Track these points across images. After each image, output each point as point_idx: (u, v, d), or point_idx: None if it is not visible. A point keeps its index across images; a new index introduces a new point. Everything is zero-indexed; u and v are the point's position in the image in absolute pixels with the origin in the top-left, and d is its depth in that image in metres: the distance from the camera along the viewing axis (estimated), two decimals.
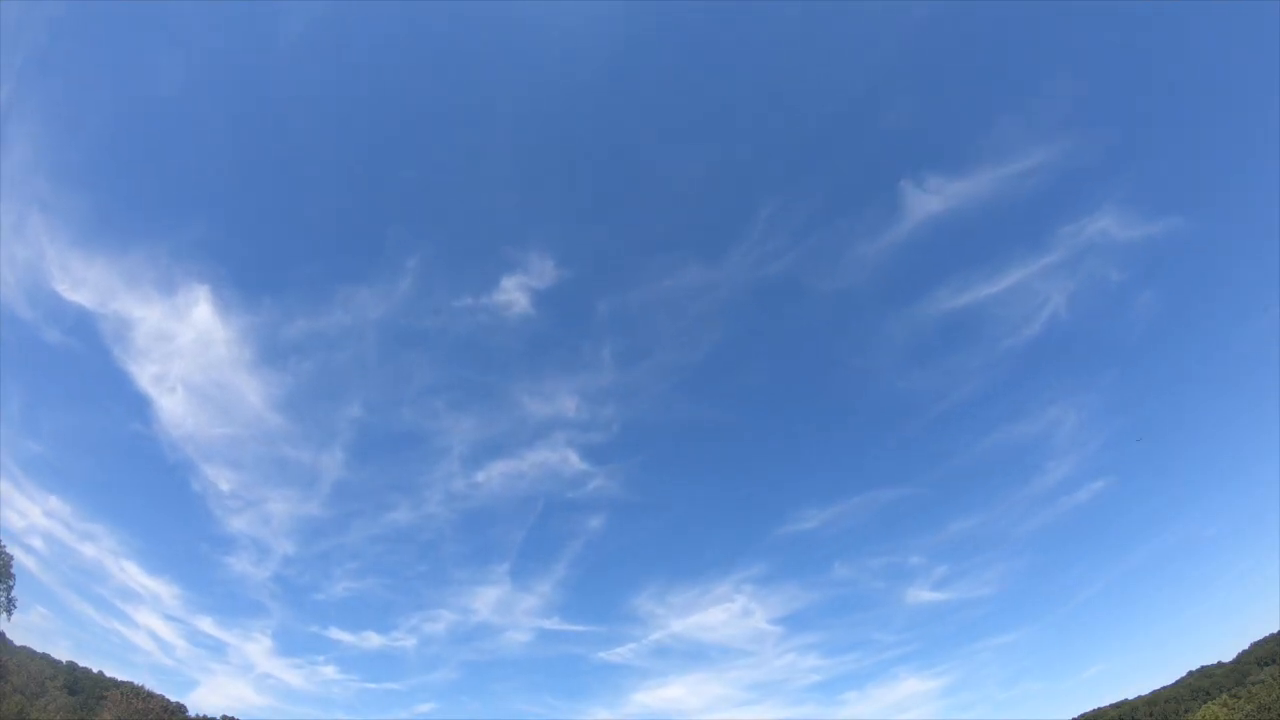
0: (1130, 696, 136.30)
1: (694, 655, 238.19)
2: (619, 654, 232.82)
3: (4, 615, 67.24)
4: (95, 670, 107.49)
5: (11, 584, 66.09)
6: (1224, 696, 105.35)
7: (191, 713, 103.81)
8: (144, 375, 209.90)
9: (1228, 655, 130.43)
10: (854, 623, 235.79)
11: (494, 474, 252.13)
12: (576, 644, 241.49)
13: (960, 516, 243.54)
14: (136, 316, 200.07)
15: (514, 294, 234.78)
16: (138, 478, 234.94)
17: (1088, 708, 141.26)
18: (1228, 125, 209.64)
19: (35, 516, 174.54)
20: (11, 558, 64.67)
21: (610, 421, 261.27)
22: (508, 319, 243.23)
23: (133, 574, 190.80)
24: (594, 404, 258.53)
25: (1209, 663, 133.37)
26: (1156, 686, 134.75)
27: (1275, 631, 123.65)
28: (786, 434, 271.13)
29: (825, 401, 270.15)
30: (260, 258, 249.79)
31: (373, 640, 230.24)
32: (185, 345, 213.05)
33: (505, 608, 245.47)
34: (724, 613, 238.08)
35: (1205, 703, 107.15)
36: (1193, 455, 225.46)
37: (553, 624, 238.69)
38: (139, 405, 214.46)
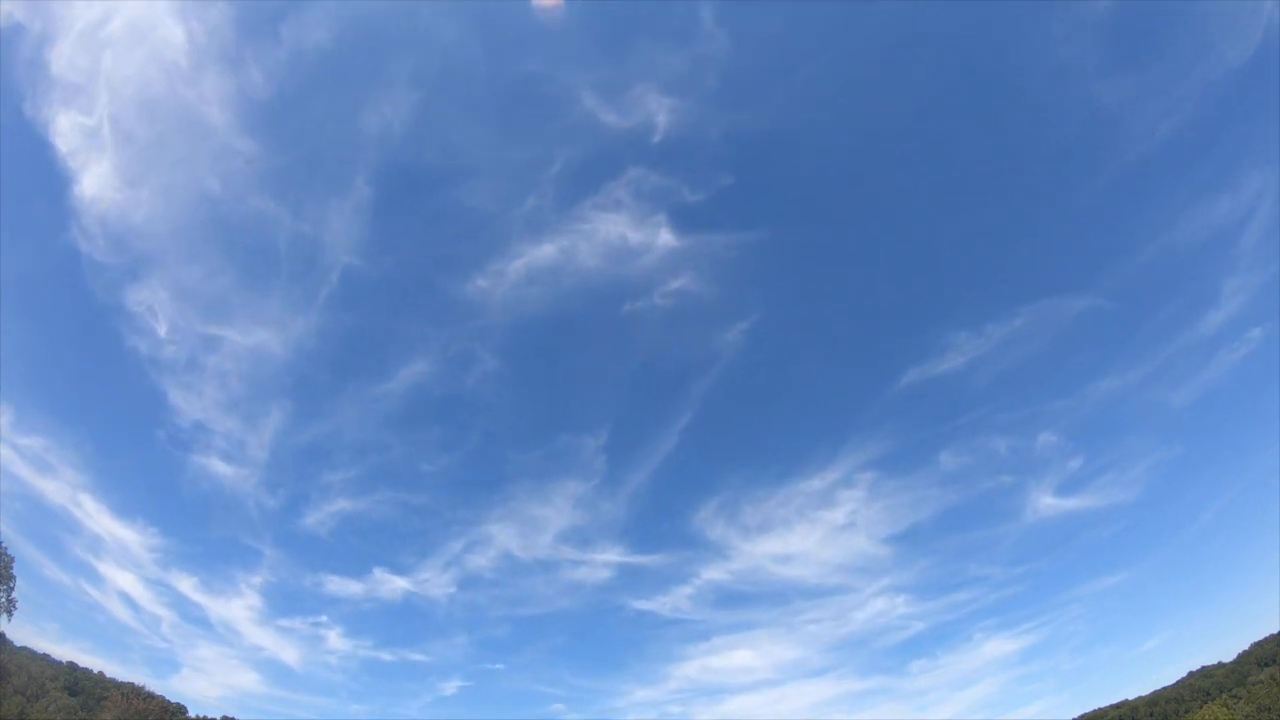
0: (1131, 697, 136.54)
1: (770, 600, 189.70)
2: (678, 604, 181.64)
3: (4, 616, 67.04)
4: (95, 671, 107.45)
5: (12, 585, 65.88)
6: (1224, 696, 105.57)
7: (191, 713, 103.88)
8: (65, 130, 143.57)
9: (1228, 655, 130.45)
10: (963, 548, 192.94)
11: (543, 263, 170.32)
12: (640, 585, 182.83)
13: (1113, 365, 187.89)
14: (64, 18, 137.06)
15: None
16: (71, 334, 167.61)
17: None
18: None
19: None
20: (13, 559, 64.60)
21: (714, 148, 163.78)
22: None
23: (92, 512, 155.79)
24: (689, 106, 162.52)
25: (1209, 663, 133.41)
26: (1157, 687, 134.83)
27: (1275, 632, 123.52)
28: (940, 176, 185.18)
29: (992, 114, 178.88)
30: None
31: (391, 586, 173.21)
32: (120, 33, 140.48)
33: (573, 525, 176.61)
34: (818, 530, 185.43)
35: (1205, 703, 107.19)
36: None
37: (617, 555, 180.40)
38: (59, 190, 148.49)
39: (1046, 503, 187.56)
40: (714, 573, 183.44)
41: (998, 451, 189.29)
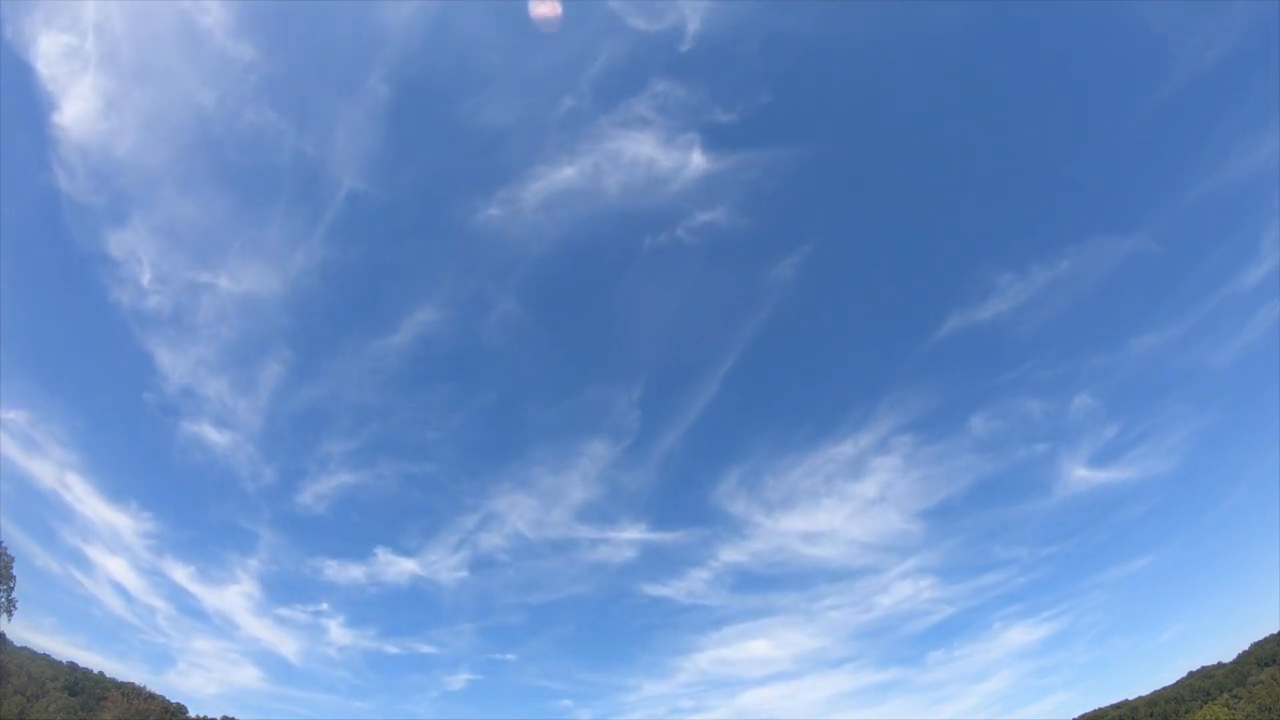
0: (1131, 697, 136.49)
1: (791, 583, 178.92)
2: (693, 588, 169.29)
3: (4, 616, 66.96)
4: (95, 670, 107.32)
5: (12, 585, 65.81)
6: (1224, 696, 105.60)
7: (192, 712, 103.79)
8: (47, 51, 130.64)
9: (1228, 655, 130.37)
10: (992, 526, 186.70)
11: (562, 187, 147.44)
12: (657, 568, 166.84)
13: (1154, 319, 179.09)
14: None
15: None
16: (53, 289, 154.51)
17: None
18: None
19: None
20: (13, 559, 64.60)
21: (751, 60, 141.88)
22: None
23: (82, 495, 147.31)
24: (725, 9, 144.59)
25: (1209, 663, 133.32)
26: (1157, 687, 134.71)
27: (1275, 632, 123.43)
28: (988, 99, 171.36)
29: (1048, 33, 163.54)
30: None
31: (396, 569, 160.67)
32: None
33: (595, 497, 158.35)
34: (846, 505, 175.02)
35: (1205, 703, 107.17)
36: None
37: (639, 532, 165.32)
38: (40, 121, 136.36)
39: (1079, 475, 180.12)
40: (733, 553, 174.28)
41: (1032, 415, 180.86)
